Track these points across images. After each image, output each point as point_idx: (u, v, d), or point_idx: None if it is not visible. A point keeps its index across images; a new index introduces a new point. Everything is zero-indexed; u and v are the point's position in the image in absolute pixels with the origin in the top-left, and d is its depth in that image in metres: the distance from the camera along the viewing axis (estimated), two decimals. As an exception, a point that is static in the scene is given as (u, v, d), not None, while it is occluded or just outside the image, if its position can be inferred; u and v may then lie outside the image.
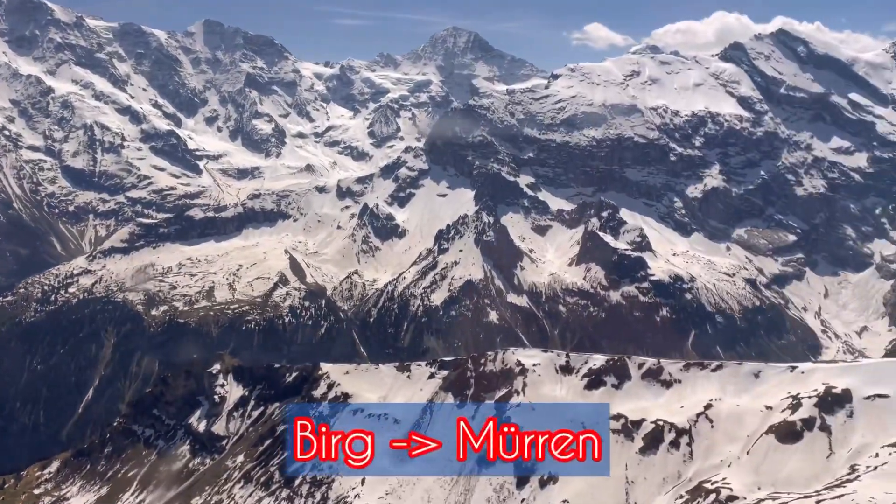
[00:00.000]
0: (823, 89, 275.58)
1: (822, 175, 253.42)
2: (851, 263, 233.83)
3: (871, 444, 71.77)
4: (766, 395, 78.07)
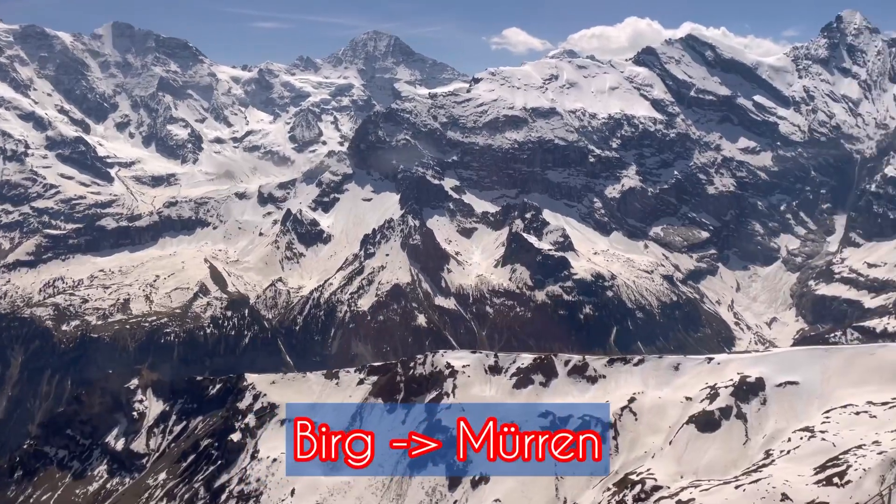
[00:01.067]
0: (730, 92, 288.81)
1: (731, 174, 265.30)
2: (760, 258, 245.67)
3: (784, 430, 75.43)
4: (685, 386, 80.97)
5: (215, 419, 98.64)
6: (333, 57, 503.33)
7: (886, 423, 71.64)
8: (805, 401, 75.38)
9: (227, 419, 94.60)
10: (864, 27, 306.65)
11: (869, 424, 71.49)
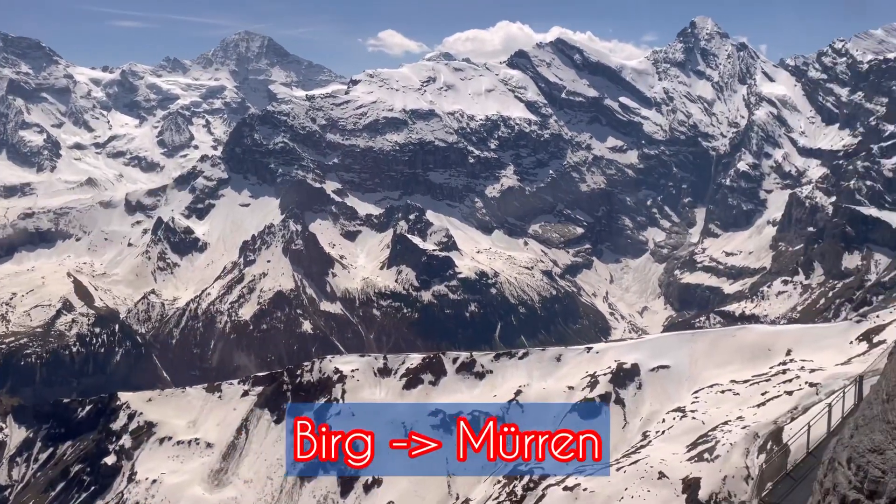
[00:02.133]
0: (598, 94, 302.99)
1: (602, 172, 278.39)
2: (630, 251, 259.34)
3: (659, 412, 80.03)
4: (567, 376, 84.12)
5: (86, 443, 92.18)
6: (203, 58, 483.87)
7: (748, 399, 77.62)
8: (676, 383, 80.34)
9: (100, 442, 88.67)
10: (715, 32, 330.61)
11: (733, 401, 77.20)
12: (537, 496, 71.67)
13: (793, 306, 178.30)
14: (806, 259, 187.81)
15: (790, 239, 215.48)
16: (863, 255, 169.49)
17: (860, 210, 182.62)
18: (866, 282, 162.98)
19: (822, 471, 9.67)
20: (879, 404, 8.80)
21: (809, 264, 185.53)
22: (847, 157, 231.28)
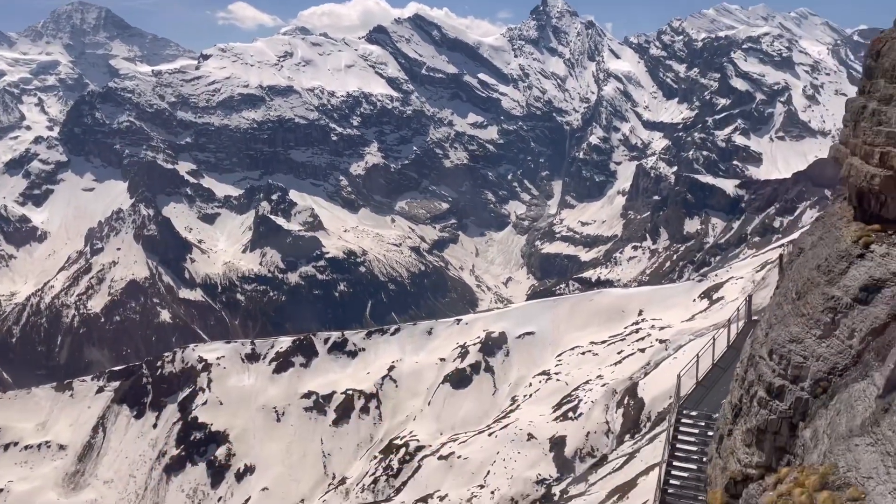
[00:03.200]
0: (457, 70, 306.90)
1: (464, 148, 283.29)
2: (494, 224, 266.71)
3: (526, 376, 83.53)
4: (439, 349, 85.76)
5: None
6: (32, 30, 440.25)
7: (606, 358, 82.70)
8: (541, 348, 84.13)
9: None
10: (565, 11, 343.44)
11: (593, 362, 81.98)
12: (413, 468, 72.89)
13: (642, 270, 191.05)
14: (653, 225, 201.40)
15: (638, 207, 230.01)
16: (702, 220, 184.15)
17: (698, 178, 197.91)
18: (705, 244, 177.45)
19: (742, 368, 10.62)
20: (790, 303, 9.80)
21: (656, 230, 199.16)
22: (686, 129, 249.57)
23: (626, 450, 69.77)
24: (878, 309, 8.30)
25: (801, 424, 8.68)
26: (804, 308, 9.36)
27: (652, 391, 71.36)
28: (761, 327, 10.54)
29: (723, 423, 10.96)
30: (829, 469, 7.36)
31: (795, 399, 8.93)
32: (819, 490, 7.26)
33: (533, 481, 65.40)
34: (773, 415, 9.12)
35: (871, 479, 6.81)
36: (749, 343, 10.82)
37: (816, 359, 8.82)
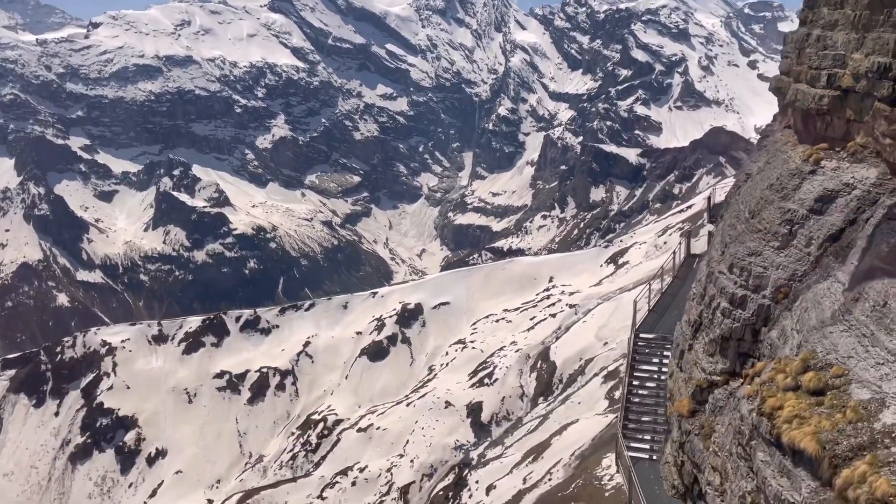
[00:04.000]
0: (365, 40, 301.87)
1: (374, 119, 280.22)
2: (406, 196, 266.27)
3: (442, 346, 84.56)
4: (355, 322, 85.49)
5: None
6: None
7: (520, 325, 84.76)
8: (456, 317, 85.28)
9: None
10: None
11: (507, 329, 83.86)
12: (332, 442, 72.82)
13: (552, 238, 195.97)
14: (560, 195, 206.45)
15: (546, 177, 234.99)
16: (606, 188, 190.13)
17: (603, 148, 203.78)
18: (610, 212, 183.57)
19: (700, 287, 11.54)
20: (743, 223, 10.78)
21: (564, 199, 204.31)
22: (590, 100, 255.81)
23: (540, 412, 72.09)
24: (834, 217, 9.25)
25: (765, 329, 9.48)
26: (759, 224, 10.29)
27: (563, 354, 73.83)
28: (716, 248, 11.49)
29: (682, 340, 11.79)
30: (808, 355, 8.04)
31: (758, 307, 9.79)
32: (802, 373, 7.90)
33: (451, 447, 66.69)
34: (737, 323, 9.98)
35: (852, 359, 7.49)
36: (705, 263, 11.75)
37: (776, 268, 9.73)
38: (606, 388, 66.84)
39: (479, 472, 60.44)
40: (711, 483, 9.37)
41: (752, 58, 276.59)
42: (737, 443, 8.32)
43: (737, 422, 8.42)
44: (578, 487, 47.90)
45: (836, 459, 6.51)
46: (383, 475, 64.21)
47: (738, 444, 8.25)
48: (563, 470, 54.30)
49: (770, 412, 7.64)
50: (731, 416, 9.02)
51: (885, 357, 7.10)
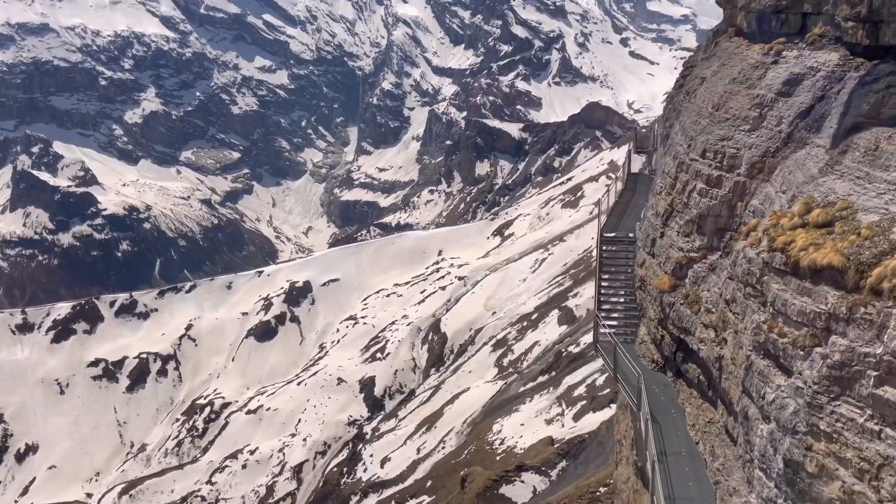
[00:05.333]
0: (240, 10, 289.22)
1: (253, 93, 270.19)
2: (290, 173, 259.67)
3: (333, 323, 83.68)
4: (240, 303, 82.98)
5: None
6: None
7: (410, 298, 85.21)
8: (347, 293, 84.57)
9: None
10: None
11: (398, 303, 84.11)
12: (220, 426, 70.70)
13: (439, 213, 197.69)
14: (447, 169, 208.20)
15: (432, 152, 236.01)
16: (491, 163, 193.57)
17: (486, 123, 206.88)
18: (495, 185, 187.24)
19: (667, 180, 12.48)
20: (707, 116, 11.66)
21: (450, 174, 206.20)
22: (472, 75, 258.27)
23: (432, 383, 73.06)
24: (803, 97, 10.16)
25: (740, 204, 10.56)
26: (726, 114, 11.23)
27: (454, 325, 75.04)
28: (680, 144, 12.46)
29: (652, 230, 12.70)
30: (807, 199, 8.64)
31: (734, 184, 10.76)
32: (806, 213, 8.42)
33: (345, 423, 66.55)
34: (714, 200, 10.95)
35: (852, 196, 8.12)
36: (670, 160, 12.69)
37: (749, 148, 10.64)
38: (496, 355, 68.63)
39: (373, 445, 60.65)
40: (704, 339, 10.24)
41: (623, 35, 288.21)
42: (744, 284, 8.83)
43: (743, 266, 8.93)
44: (471, 453, 49.17)
45: (862, 266, 7.04)
46: (275, 456, 63.17)
47: (747, 284, 8.75)
48: (456, 437, 55.52)
49: (782, 247, 8.15)
50: (726, 272, 9.80)
51: (886, 188, 7.81)
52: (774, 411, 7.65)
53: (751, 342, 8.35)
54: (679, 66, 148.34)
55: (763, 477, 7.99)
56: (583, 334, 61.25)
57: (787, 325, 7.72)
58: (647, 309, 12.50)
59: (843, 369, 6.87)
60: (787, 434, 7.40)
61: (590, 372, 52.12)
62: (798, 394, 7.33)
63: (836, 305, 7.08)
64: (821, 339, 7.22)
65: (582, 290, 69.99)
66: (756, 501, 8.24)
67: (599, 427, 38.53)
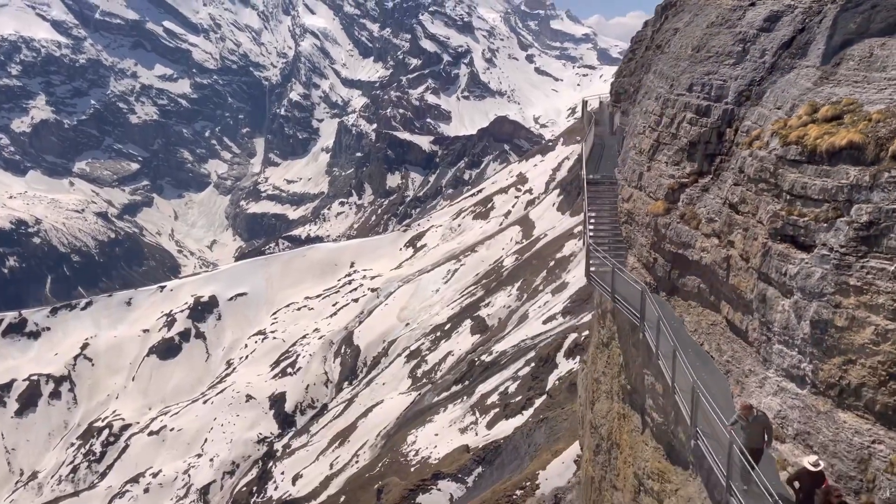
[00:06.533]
0: (139, 16, 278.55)
1: (153, 102, 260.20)
2: (193, 184, 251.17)
3: (241, 338, 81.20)
4: (141, 319, 79.19)
5: None
6: None
7: (322, 311, 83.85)
8: (255, 308, 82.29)
9: None
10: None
11: (309, 316, 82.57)
12: (120, 449, 67.06)
13: (350, 225, 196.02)
14: (357, 181, 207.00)
15: (342, 164, 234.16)
16: (402, 175, 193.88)
17: (397, 135, 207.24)
18: (406, 197, 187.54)
19: (651, 119, 13.15)
20: (687, 59, 12.67)
21: (361, 186, 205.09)
22: (382, 87, 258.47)
23: (345, 396, 72.01)
24: (783, 30, 11.05)
25: (729, 130, 11.34)
26: (708, 53, 12.25)
27: (367, 337, 74.36)
28: (661, 87, 13.41)
29: (637, 166, 13.41)
30: (811, 103, 9.27)
31: (722, 111, 11.54)
32: (813, 113, 9.00)
33: (254, 441, 64.61)
34: (704, 128, 11.75)
35: (854, 95, 8.83)
36: (651, 101, 13.53)
37: (735, 79, 11.49)
38: (409, 367, 68.44)
39: (284, 462, 59.11)
40: (706, 248, 10.97)
41: (529, 52, 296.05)
42: (756, 181, 9.55)
43: (754, 166, 9.63)
44: (386, 465, 48.76)
45: (881, 140, 7.83)
46: (180, 478, 60.52)
47: (760, 181, 9.47)
48: (370, 451, 54.94)
49: (796, 140, 8.86)
50: (730, 180, 10.56)
51: (886, 84, 8.57)
52: (799, 281, 8.46)
53: (767, 231, 9.12)
54: (582, 81, 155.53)
55: (784, 349, 8.76)
56: (495, 342, 62.04)
57: (806, 206, 8.54)
58: (635, 239, 13.29)
59: (871, 228, 7.71)
60: (813, 299, 8.18)
61: (502, 380, 52.82)
62: (824, 261, 8.13)
63: (859, 177, 7.90)
64: (843, 210, 8.03)
65: (493, 299, 70.94)
66: (775, 375, 8.95)
67: (514, 432, 39.04)
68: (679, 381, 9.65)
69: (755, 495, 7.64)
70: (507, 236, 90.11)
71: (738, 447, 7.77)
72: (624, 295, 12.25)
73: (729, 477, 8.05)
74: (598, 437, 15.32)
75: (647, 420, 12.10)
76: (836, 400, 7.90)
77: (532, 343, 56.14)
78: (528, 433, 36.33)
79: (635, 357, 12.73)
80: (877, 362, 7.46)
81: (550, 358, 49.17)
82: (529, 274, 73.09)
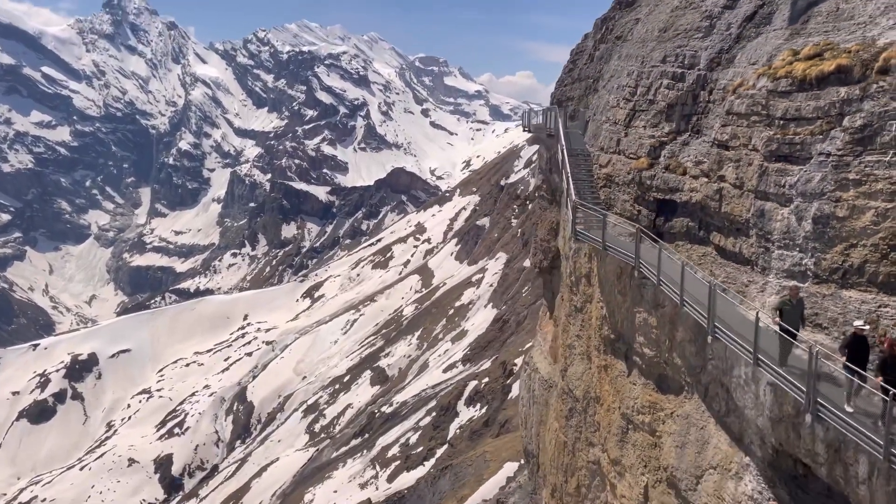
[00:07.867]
0: (14, 61, 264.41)
1: (28, 150, 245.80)
2: (71, 236, 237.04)
3: (123, 398, 76.05)
4: (11, 380, 72.76)
5: None
6: None
7: (213, 367, 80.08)
8: (140, 365, 77.47)
9: None
10: (144, 8, 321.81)
11: (199, 372, 78.59)
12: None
13: (243, 276, 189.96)
14: (251, 232, 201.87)
15: (235, 214, 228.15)
16: (298, 225, 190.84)
17: (293, 185, 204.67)
18: (303, 248, 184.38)
19: (626, 92, 14.61)
20: (654, 40, 14.16)
21: (254, 236, 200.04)
22: (277, 137, 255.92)
23: (238, 456, 68.50)
24: (746, 6, 12.79)
25: (703, 92, 12.84)
26: (675, 32, 13.87)
27: (261, 392, 71.48)
28: (632, 65, 15.02)
29: (614, 134, 14.78)
30: (790, 50, 10.41)
31: (696, 76, 13.13)
32: (795, 54, 10.04)
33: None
34: (681, 91, 13.30)
35: (831, 38, 10.05)
36: (623, 76, 15.20)
37: (705, 49, 13.20)
38: (307, 421, 66.17)
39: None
40: (695, 189, 12.25)
41: (424, 106, 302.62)
42: (748, 116, 10.64)
43: (746, 102, 10.75)
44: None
45: (866, 61, 9.04)
46: (52, 556, 55.18)
47: (752, 115, 10.55)
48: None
49: (786, 74, 9.86)
50: (719, 120, 11.82)
51: (855, 28, 9.82)
52: (799, 187, 9.56)
53: (762, 155, 10.19)
54: (476, 136, 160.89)
55: (784, 252, 9.88)
56: (396, 393, 61.17)
57: (800, 126, 9.74)
58: (616, 198, 14.73)
59: (865, 130, 8.82)
60: (814, 199, 9.30)
61: (403, 431, 51.94)
62: (822, 165, 9.27)
63: (849, 92, 9.13)
64: (836, 122, 9.17)
65: (394, 349, 70.23)
66: (775, 279, 9.93)
67: (417, 483, 38.27)
68: (689, 287, 10.27)
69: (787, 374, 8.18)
70: (407, 285, 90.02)
71: (778, 325, 8.32)
72: (613, 245, 13.06)
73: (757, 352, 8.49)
74: (572, 399, 15.79)
75: (634, 360, 12.76)
76: (840, 282, 9.02)
77: (433, 392, 55.82)
78: (433, 482, 35.71)
79: (622, 303, 13.27)
80: (878, 239, 8.64)
81: (451, 406, 48.96)
82: (429, 322, 73.05)
